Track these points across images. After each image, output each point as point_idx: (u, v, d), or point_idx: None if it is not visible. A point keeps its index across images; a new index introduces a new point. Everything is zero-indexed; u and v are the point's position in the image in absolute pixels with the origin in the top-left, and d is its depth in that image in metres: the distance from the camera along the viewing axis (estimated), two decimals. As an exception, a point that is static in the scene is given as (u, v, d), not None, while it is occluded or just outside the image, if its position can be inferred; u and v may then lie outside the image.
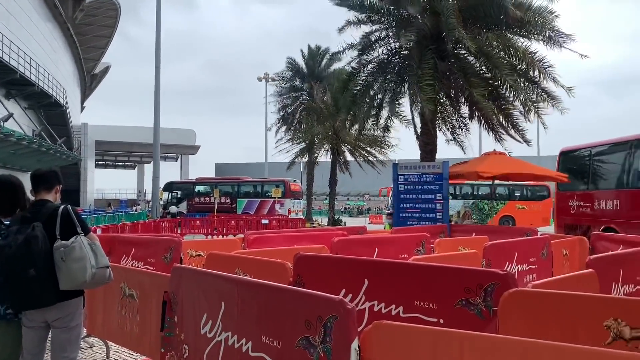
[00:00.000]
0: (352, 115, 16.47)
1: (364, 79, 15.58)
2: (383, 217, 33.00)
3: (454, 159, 15.44)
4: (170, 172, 71.40)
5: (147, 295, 4.26)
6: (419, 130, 14.97)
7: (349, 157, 30.97)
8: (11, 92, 31.25)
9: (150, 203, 33.92)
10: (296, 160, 32.86)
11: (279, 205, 31.43)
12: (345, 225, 28.80)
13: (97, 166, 68.24)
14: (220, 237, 20.49)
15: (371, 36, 15.08)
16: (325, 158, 31.64)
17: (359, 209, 63.87)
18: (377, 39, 15.07)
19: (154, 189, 27.95)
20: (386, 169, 23.03)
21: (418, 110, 14.91)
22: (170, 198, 36.99)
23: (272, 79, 40.04)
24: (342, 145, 29.27)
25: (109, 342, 5.58)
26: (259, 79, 43.44)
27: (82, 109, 61.39)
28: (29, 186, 3.67)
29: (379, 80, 15.32)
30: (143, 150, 62.19)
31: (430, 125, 14.52)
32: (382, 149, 28.25)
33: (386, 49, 15.32)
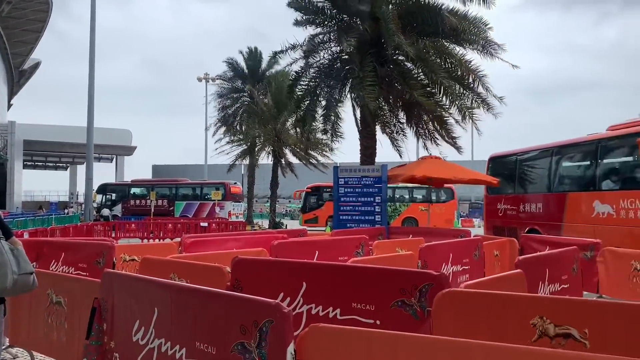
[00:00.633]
0: (295, 117, 16.50)
1: (306, 82, 15.63)
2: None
3: (393, 162, 15.77)
4: (104, 173, 68.82)
5: (77, 302, 4.08)
6: (360, 134, 15.17)
7: (291, 160, 30.96)
8: None
9: (83, 206, 32.58)
10: (237, 162, 32.51)
11: (219, 208, 30.96)
12: (286, 228, 28.73)
13: (25, 167, 64.72)
14: (157, 241, 19.94)
15: (316, 39, 15.14)
16: (267, 160, 31.49)
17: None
18: (321, 42, 15.16)
19: (87, 191, 26.96)
20: (329, 172, 23.18)
21: (359, 114, 15.12)
22: (104, 200, 35.73)
23: (213, 80, 39.45)
24: (283, 147, 29.20)
25: (34, 352, 5.29)
26: (199, 79, 42.72)
27: (9, 106, 58.13)
28: None
29: (322, 84, 15.42)
30: (76, 150, 59.60)
31: (371, 129, 14.76)
32: (323, 152, 28.42)
33: (329, 52, 15.45)
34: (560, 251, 6.16)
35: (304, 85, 15.62)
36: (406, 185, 28.14)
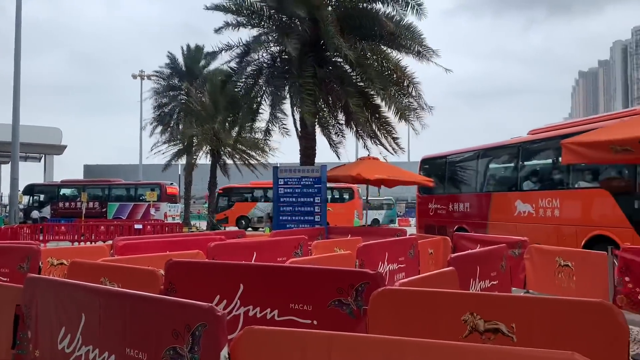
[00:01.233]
0: (232, 117, 16.26)
1: (243, 81, 15.45)
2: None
3: (332, 163, 15.91)
4: (32, 173, 65.38)
5: (-3, 310, 3.82)
6: (299, 135, 15.17)
7: (230, 160, 30.52)
8: None
9: (8, 207, 30.79)
10: (173, 162, 31.72)
11: (154, 209, 30.11)
12: (225, 229, 28.31)
13: (-56, 166, 60.54)
14: (88, 243, 19.13)
15: (251, 38, 15.01)
16: (205, 160, 30.91)
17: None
18: (259, 42, 15.03)
19: (12, 191, 25.53)
20: (268, 172, 23.05)
21: (298, 115, 15.12)
22: (31, 202, 33.95)
23: (149, 77, 38.32)
24: (222, 147, 28.76)
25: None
26: (134, 77, 41.36)
27: None
28: None
29: (259, 83, 15.29)
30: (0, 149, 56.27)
31: (310, 129, 14.79)
32: (263, 152, 28.22)
33: (267, 52, 15.35)
34: (490, 249, 6.40)
35: (241, 84, 15.43)
36: None
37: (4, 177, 61.39)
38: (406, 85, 14.83)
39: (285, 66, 14.79)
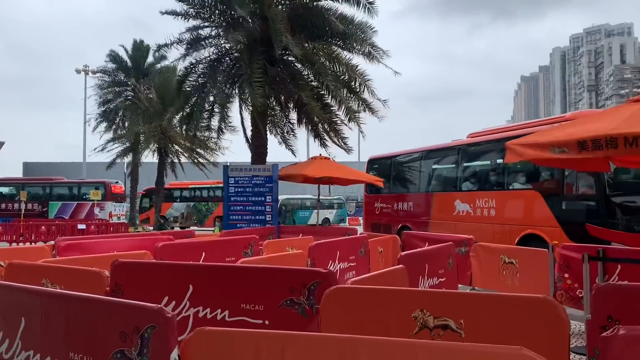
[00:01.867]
0: (181, 115, 15.92)
1: (194, 78, 15.16)
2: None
3: (285, 162, 15.87)
4: (-35, 171, 61.92)
5: None
6: (250, 134, 15.03)
7: (178, 159, 29.89)
8: None
9: (-62, 207, 29.09)
10: (118, 160, 30.77)
11: (99, 208, 29.09)
12: (173, 229, 27.72)
13: None
14: (28, 244, 18.28)
15: (201, 33, 14.71)
16: (152, 158, 30.16)
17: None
18: (207, 37, 14.77)
19: (-58, 190, 24.05)
20: (218, 171, 22.71)
21: (249, 113, 14.98)
22: (-36, 201, 32.10)
23: (93, 72, 36.98)
24: (170, 145, 28.12)
25: None
26: (78, 72, 39.81)
27: None
28: None
29: (210, 81, 15.05)
30: None
31: (261, 128, 14.68)
32: (213, 151, 27.78)
33: (217, 48, 15.11)
34: (438, 247, 6.55)
35: (192, 81, 15.13)
36: (211, 184, 31.44)
37: None
38: (357, 85, 14.94)
39: (236, 63, 14.61)
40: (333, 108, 15.28)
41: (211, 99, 15.33)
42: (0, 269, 5.68)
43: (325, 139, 15.93)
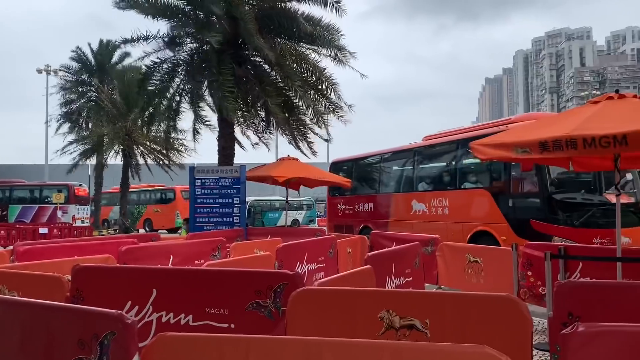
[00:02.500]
0: (146, 116, 15.60)
1: (159, 78, 14.87)
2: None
3: (252, 163, 15.78)
4: None
5: None
6: (217, 135, 14.86)
7: (143, 160, 29.31)
8: None
9: None
10: (81, 162, 30.01)
11: (62, 212, 28.38)
12: (139, 232, 27.28)
13: None
14: (-14, 250, 17.64)
15: (168, 34, 14.46)
16: (117, 160, 29.52)
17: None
18: (175, 37, 14.52)
19: None
20: (184, 173, 22.38)
21: (217, 114, 14.82)
22: None
23: (55, 72, 35.99)
24: (135, 147, 27.57)
25: None
26: (39, 71, 38.69)
27: None
28: None
29: (176, 81, 14.81)
30: None
31: (229, 129, 14.53)
32: (179, 152, 27.37)
33: (184, 49, 14.88)
34: (404, 247, 6.60)
35: (156, 81, 14.84)
36: (141, 188, 32.78)
37: None
38: (325, 87, 14.94)
39: (203, 64, 14.41)
40: (301, 109, 15.24)
41: (177, 99, 15.09)
42: (-46, 275, 5.46)
43: (295, 140, 15.85)
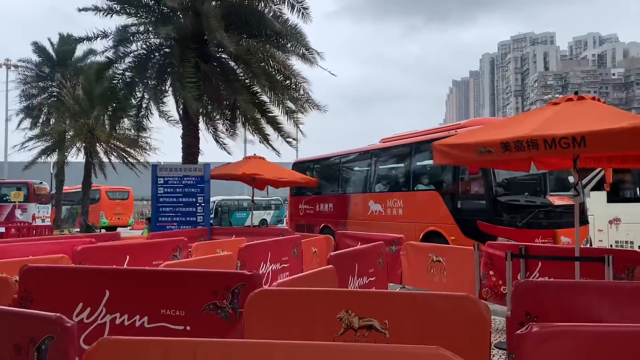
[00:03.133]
0: (108, 112, 15.18)
1: (121, 73, 14.49)
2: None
3: (219, 162, 15.57)
4: None
5: None
6: (182, 132, 14.58)
7: (108, 158, 28.60)
8: None
9: None
10: (41, 159, 29.08)
11: (21, 210, 27.45)
12: (100, 231, 26.66)
13: None
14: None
15: (128, 28, 14.09)
16: (79, 158, 28.72)
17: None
18: (136, 32, 14.17)
19: None
20: (148, 172, 21.94)
21: (181, 111, 14.55)
22: None
23: (15, 66, 34.84)
24: (97, 144, 26.87)
25: None
26: (-2, 65, 37.45)
27: None
28: None
29: (138, 76, 14.45)
30: None
31: (194, 127, 14.27)
32: (143, 150, 26.80)
33: (146, 43, 14.53)
34: (368, 246, 6.57)
35: (118, 77, 14.45)
36: (75, 189, 32.80)
37: None
38: (293, 85, 14.84)
39: (167, 59, 14.12)
40: (269, 108, 15.10)
41: (139, 95, 14.74)
42: None
43: (262, 140, 15.68)
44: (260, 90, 14.69)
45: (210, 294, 3.53)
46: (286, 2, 13.92)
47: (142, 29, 14.17)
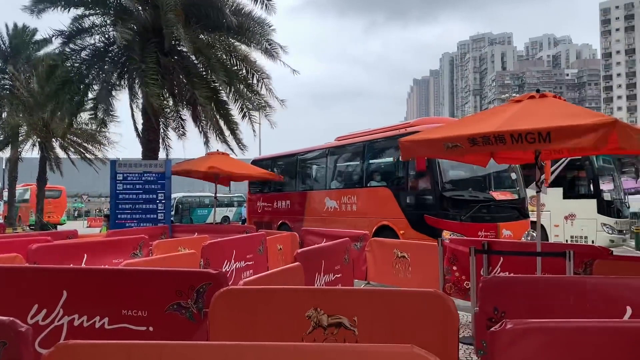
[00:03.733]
0: (60, 106, 14.60)
1: (76, 66, 13.97)
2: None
3: (180, 158, 15.27)
4: None
5: None
6: (141, 127, 14.19)
7: (62, 154, 27.66)
8: None
9: None
10: (-10, 155, 27.93)
11: (-30, 208, 26.35)
12: (57, 229, 25.78)
13: None
14: None
15: (84, 21, 13.60)
16: (34, 153, 27.68)
17: (76, 211, 58.19)
18: (92, 25, 13.70)
19: None
20: (106, 168, 21.34)
21: (140, 106, 14.16)
22: None
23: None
24: (53, 139, 25.96)
25: None
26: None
27: None
28: None
29: (93, 70, 13.96)
30: None
31: (154, 122, 13.90)
32: (101, 145, 26.04)
33: (103, 37, 14.07)
34: (334, 243, 6.55)
35: (74, 70, 13.93)
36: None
37: None
38: (255, 81, 14.65)
39: (125, 52, 13.71)
40: (229, 105, 14.86)
41: (95, 88, 14.25)
42: None
43: (219, 135, 15.41)
44: (219, 87, 14.39)
45: (174, 293, 3.42)
46: None
47: (99, 21, 13.72)
